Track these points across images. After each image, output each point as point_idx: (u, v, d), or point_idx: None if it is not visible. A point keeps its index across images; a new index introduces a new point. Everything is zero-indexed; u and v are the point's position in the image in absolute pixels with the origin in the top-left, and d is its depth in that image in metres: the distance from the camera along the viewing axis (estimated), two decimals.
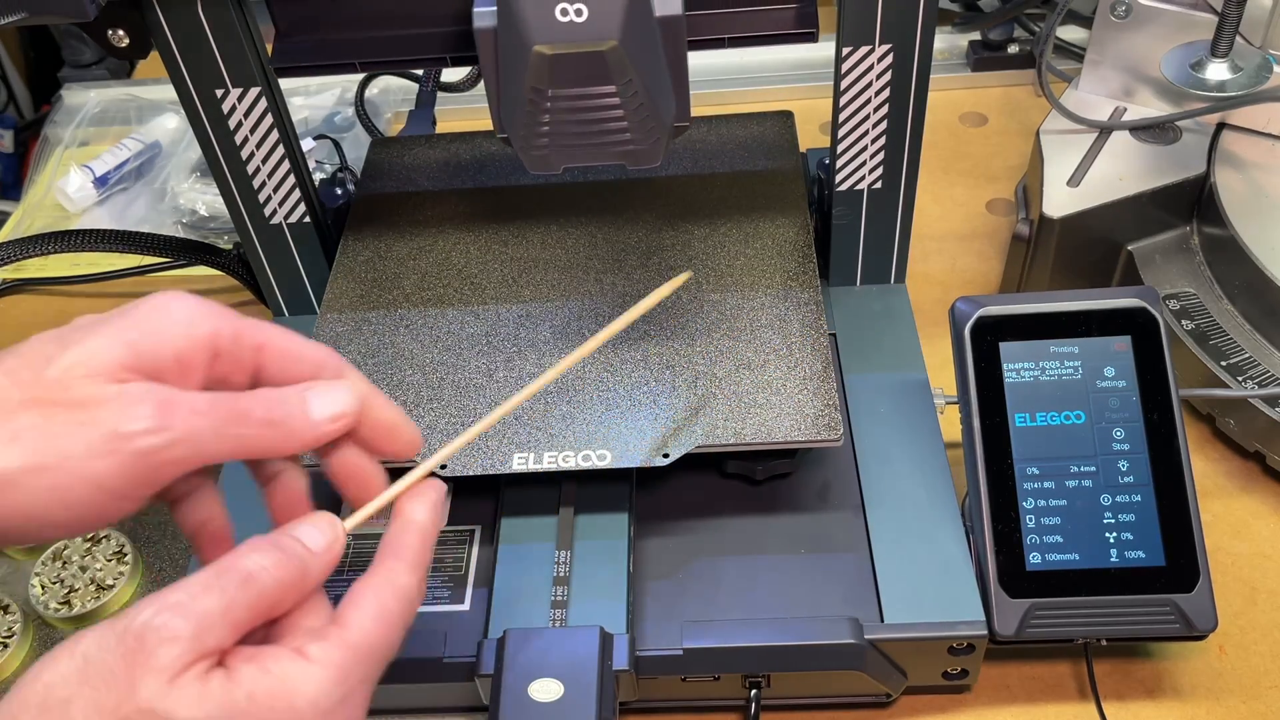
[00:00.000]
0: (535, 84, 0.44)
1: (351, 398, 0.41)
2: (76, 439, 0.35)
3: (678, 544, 0.56)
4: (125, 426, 0.36)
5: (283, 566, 0.38)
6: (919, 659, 0.53)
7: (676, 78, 0.46)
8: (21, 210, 0.92)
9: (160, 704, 0.33)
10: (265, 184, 0.63)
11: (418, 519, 0.42)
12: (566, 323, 0.61)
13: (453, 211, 0.69)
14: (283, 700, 0.35)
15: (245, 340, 0.40)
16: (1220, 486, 0.65)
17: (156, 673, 0.33)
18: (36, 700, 0.34)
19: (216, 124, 0.60)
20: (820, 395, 0.55)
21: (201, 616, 0.35)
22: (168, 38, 0.56)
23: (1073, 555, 0.52)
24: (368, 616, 0.38)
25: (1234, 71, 0.69)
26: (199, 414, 0.37)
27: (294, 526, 0.40)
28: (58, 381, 0.36)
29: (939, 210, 0.84)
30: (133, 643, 0.34)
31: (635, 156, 0.47)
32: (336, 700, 0.36)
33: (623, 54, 0.43)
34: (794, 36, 0.55)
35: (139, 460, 0.36)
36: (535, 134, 0.46)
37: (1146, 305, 0.55)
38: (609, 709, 0.49)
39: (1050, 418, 0.55)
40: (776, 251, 0.63)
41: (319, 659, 0.36)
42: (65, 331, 0.38)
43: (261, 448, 0.40)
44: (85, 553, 0.64)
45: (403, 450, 0.44)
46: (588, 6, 0.42)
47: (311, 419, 0.40)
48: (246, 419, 0.39)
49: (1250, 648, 0.57)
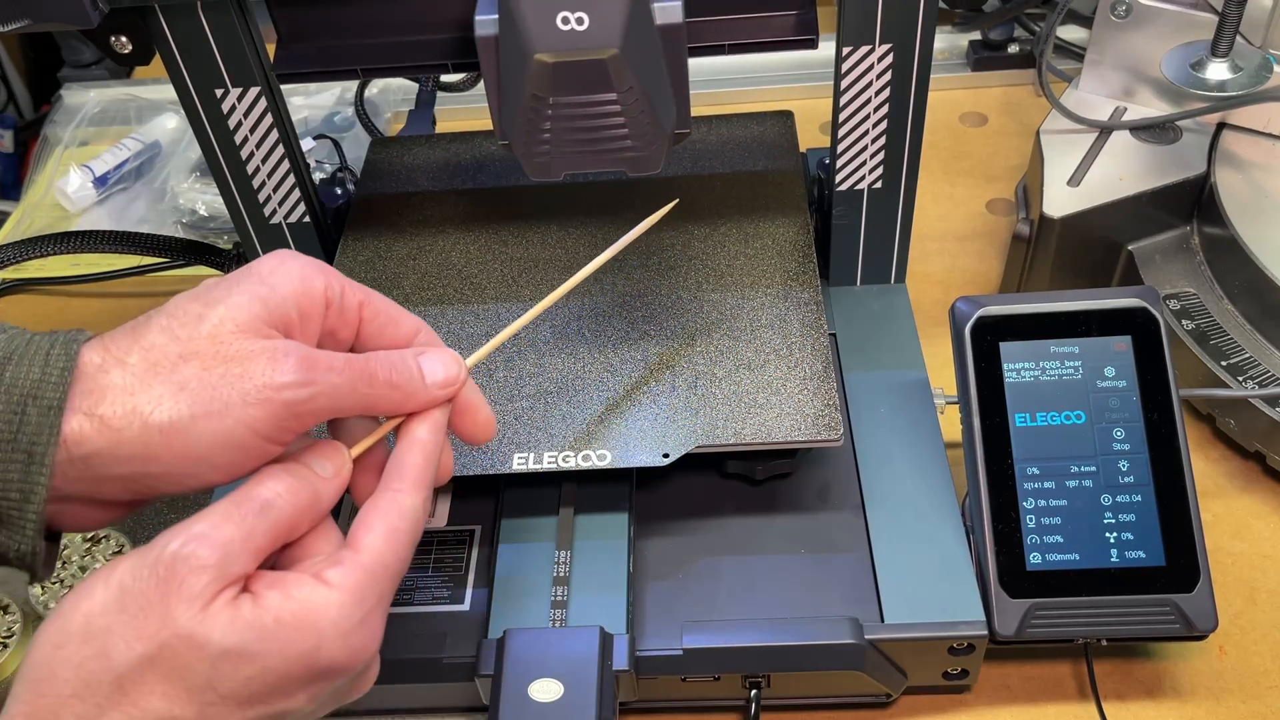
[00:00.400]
0: (536, 91, 0.44)
1: (459, 367, 0.45)
2: (234, 389, 0.39)
3: (678, 544, 0.56)
4: (276, 379, 0.39)
5: (296, 493, 0.40)
6: (919, 659, 0.53)
7: (677, 85, 0.46)
8: (21, 210, 0.92)
9: (197, 629, 0.36)
10: (265, 184, 0.63)
11: (420, 438, 0.43)
12: (566, 323, 0.61)
13: (452, 211, 0.69)
14: (307, 623, 0.38)
15: (349, 297, 0.44)
16: (1220, 487, 0.65)
17: (189, 601, 0.36)
18: (77, 629, 0.36)
19: (216, 124, 0.60)
20: (820, 395, 0.55)
21: (226, 545, 0.37)
22: (168, 38, 0.56)
23: (1073, 555, 0.52)
24: (379, 537, 0.40)
25: (1234, 71, 0.69)
26: (336, 371, 0.41)
27: (303, 455, 0.42)
28: (210, 337, 0.40)
29: (939, 210, 0.84)
30: (164, 572, 0.36)
31: (636, 163, 0.47)
32: (357, 621, 0.39)
33: (623, 62, 0.43)
34: (794, 43, 0.55)
35: (286, 409, 0.39)
36: (536, 141, 0.46)
37: (1147, 305, 0.55)
38: (609, 709, 0.49)
39: (1050, 418, 0.55)
40: (776, 251, 0.63)
41: (337, 583, 0.39)
42: (202, 292, 0.41)
43: (384, 407, 0.43)
44: (85, 553, 0.64)
45: (478, 431, 0.47)
46: (589, 15, 0.42)
47: (426, 384, 0.43)
48: (374, 379, 0.42)
49: (1250, 648, 0.57)
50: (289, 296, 0.41)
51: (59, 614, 0.37)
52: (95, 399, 0.39)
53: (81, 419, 0.38)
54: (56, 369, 0.39)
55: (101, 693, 0.36)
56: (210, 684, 0.36)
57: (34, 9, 0.49)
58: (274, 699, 0.38)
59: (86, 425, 0.38)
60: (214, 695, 0.37)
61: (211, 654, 0.36)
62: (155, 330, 0.40)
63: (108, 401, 0.39)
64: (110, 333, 0.41)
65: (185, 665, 0.36)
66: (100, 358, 0.39)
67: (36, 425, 0.38)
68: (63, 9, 0.50)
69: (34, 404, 0.38)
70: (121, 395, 0.39)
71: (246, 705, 0.37)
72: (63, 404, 0.38)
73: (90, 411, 0.38)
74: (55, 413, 0.38)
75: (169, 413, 0.38)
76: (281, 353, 0.39)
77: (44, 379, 0.38)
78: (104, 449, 0.38)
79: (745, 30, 0.55)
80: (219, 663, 0.36)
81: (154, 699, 0.36)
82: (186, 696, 0.36)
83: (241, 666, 0.37)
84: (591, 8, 0.42)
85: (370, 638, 0.40)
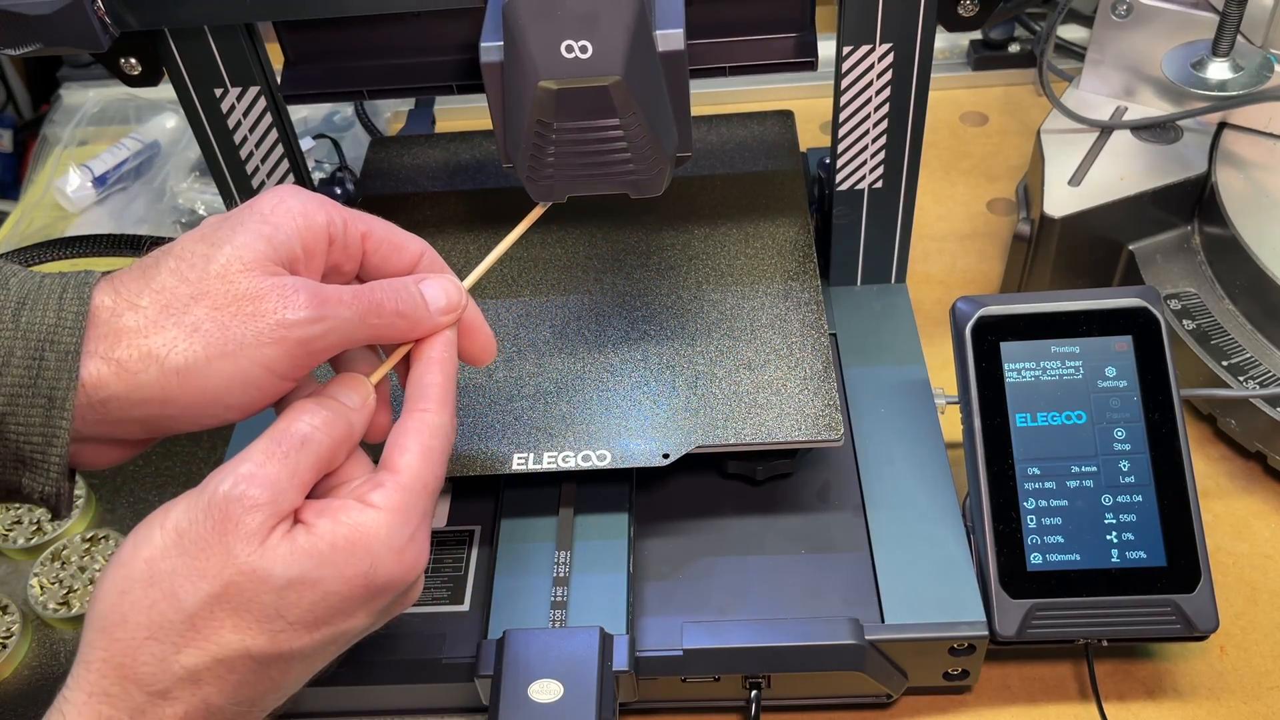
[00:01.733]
0: (540, 117, 0.44)
1: (459, 292, 0.46)
2: (248, 328, 0.39)
3: (678, 544, 0.56)
4: (288, 316, 0.40)
5: (332, 424, 0.41)
6: (919, 659, 0.53)
7: (678, 110, 0.47)
8: (20, 210, 0.92)
9: (259, 564, 0.38)
10: (265, 184, 0.63)
11: (436, 357, 0.45)
12: (566, 322, 0.61)
13: (452, 211, 0.69)
14: (360, 545, 0.39)
15: (352, 228, 0.44)
16: (1221, 487, 0.64)
17: (246, 538, 0.38)
18: (140, 574, 0.38)
19: (216, 124, 0.59)
20: (821, 395, 0.55)
21: (274, 482, 0.39)
22: (168, 40, 0.56)
23: (1074, 555, 0.52)
24: (415, 457, 0.42)
25: (1235, 71, 0.69)
26: (345, 304, 0.41)
27: (330, 388, 0.43)
28: (219, 277, 0.40)
29: (939, 210, 0.84)
30: (218, 514, 0.38)
31: (638, 186, 0.48)
32: (406, 538, 0.41)
33: (626, 89, 0.44)
34: (794, 65, 0.56)
35: (300, 346, 0.40)
36: (541, 165, 0.47)
37: (1147, 305, 0.55)
38: (609, 710, 0.49)
39: (1051, 418, 0.54)
40: (777, 251, 0.63)
41: (382, 504, 0.40)
42: (207, 232, 0.42)
43: (391, 335, 0.44)
44: (84, 553, 0.63)
45: (480, 353, 0.47)
46: (592, 43, 0.43)
47: (430, 310, 0.44)
48: (381, 310, 0.43)
49: (1251, 648, 0.57)
50: (293, 233, 0.42)
51: (119, 562, 0.38)
52: (110, 343, 0.39)
53: (99, 363, 0.39)
54: (71, 313, 0.39)
55: (175, 631, 0.37)
56: (278, 613, 0.38)
57: (45, 34, 0.51)
58: (337, 619, 0.40)
59: (104, 369, 0.39)
60: (283, 623, 0.38)
61: (276, 585, 0.38)
62: (165, 272, 0.40)
63: (123, 345, 0.39)
64: (119, 273, 0.41)
65: (252, 598, 0.38)
66: (112, 300, 0.40)
67: (56, 370, 0.39)
68: (74, 34, 0.51)
69: (51, 349, 0.39)
70: (136, 339, 0.39)
71: (313, 628, 0.39)
72: (79, 348, 0.39)
73: (107, 355, 0.39)
74: (73, 357, 0.39)
75: (184, 355, 0.39)
76: (291, 289, 0.40)
77: (59, 324, 0.39)
78: (122, 393, 0.39)
79: (745, 53, 0.56)
80: (284, 592, 0.38)
81: (226, 632, 0.38)
82: (257, 627, 0.38)
83: (305, 593, 0.38)
84: (595, 36, 0.43)
85: (420, 552, 0.42)
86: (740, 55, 0.56)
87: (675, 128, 0.47)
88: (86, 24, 0.51)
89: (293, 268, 0.42)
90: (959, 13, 0.54)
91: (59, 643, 0.61)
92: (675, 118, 0.47)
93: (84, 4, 0.50)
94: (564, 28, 0.43)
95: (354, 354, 0.46)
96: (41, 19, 0.50)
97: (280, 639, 0.38)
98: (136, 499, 0.67)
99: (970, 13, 0.54)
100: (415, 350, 0.45)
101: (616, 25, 0.43)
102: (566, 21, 0.42)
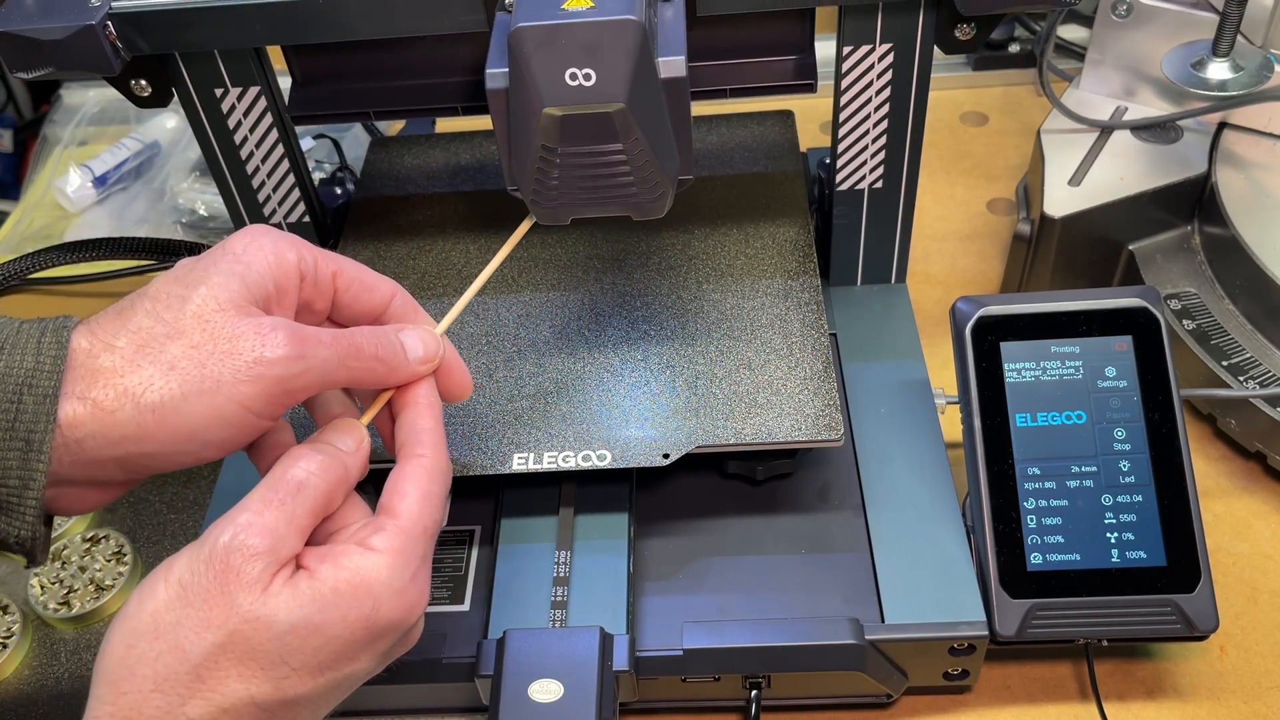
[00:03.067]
0: (545, 142, 0.45)
1: (437, 344, 0.46)
2: (225, 366, 0.39)
3: (678, 544, 0.56)
4: (266, 354, 0.40)
5: (328, 469, 0.42)
6: (920, 659, 0.53)
7: (680, 135, 0.48)
8: (21, 210, 0.92)
9: (263, 611, 0.38)
10: (265, 184, 0.63)
11: (424, 401, 0.45)
12: (566, 322, 0.61)
13: (452, 211, 0.69)
14: (362, 588, 0.40)
15: (323, 266, 0.45)
16: (1221, 486, 0.64)
17: (249, 586, 0.38)
18: (146, 627, 0.38)
19: (216, 124, 0.60)
20: (821, 395, 0.55)
21: (273, 530, 0.39)
22: (177, 57, 0.56)
23: (1074, 555, 0.52)
24: (414, 501, 0.42)
25: (1235, 71, 0.69)
26: (324, 345, 0.41)
27: (324, 434, 0.44)
28: (195, 316, 0.40)
29: (939, 210, 0.84)
30: (220, 565, 0.38)
31: (641, 209, 0.49)
32: (406, 580, 0.41)
33: (629, 115, 0.44)
34: (794, 88, 0.57)
35: (277, 385, 0.40)
36: (545, 188, 0.48)
37: (1147, 305, 0.55)
38: (609, 709, 0.49)
39: (1051, 418, 0.54)
40: (777, 251, 0.63)
41: (383, 548, 0.41)
42: (182, 274, 0.42)
43: (369, 380, 0.44)
44: (84, 553, 0.63)
45: (456, 389, 0.48)
46: (596, 71, 0.43)
47: (409, 359, 0.45)
48: (360, 353, 0.43)
49: (1251, 648, 0.57)
50: (265, 272, 0.42)
51: (125, 616, 0.39)
52: (87, 383, 0.39)
53: (75, 403, 0.39)
54: (49, 357, 0.39)
55: (181, 683, 0.37)
56: (283, 659, 0.38)
57: (58, 58, 0.52)
58: (341, 663, 0.40)
59: (80, 409, 0.39)
60: (287, 669, 0.38)
61: (279, 631, 0.38)
62: (141, 314, 0.41)
63: (99, 385, 0.39)
64: (96, 316, 0.41)
65: (257, 646, 0.38)
66: (89, 342, 0.40)
67: (33, 413, 0.39)
68: (86, 59, 0.52)
69: (29, 392, 0.39)
70: (112, 378, 0.39)
71: (317, 673, 0.39)
72: (58, 392, 0.39)
73: (83, 395, 0.39)
74: (51, 400, 0.39)
75: (160, 392, 0.39)
76: (269, 328, 0.40)
77: (38, 367, 0.39)
78: (98, 431, 0.39)
79: (746, 75, 0.57)
80: (287, 638, 0.38)
81: (231, 681, 0.38)
82: (263, 675, 0.38)
83: (309, 638, 0.39)
84: (599, 64, 0.43)
85: (420, 593, 0.42)
86: (741, 78, 0.57)
87: (677, 151, 0.48)
88: (99, 49, 0.52)
89: (266, 306, 0.42)
90: (956, 36, 0.55)
91: (59, 643, 0.61)
92: (677, 142, 0.48)
93: (96, 30, 0.51)
94: (568, 56, 0.43)
95: (328, 397, 0.46)
96: (54, 44, 0.51)
97: (285, 685, 0.39)
98: (137, 499, 0.67)
99: (967, 36, 0.54)
100: (400, 395, 0.45)
101: (619, 53, 0.43)
102: (571, 50, 0.43)
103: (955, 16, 0.53)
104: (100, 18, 0.51)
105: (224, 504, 0.58)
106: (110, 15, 0.52)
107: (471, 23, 0.52)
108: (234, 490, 0.59)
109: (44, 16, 0.51)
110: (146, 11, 0.52)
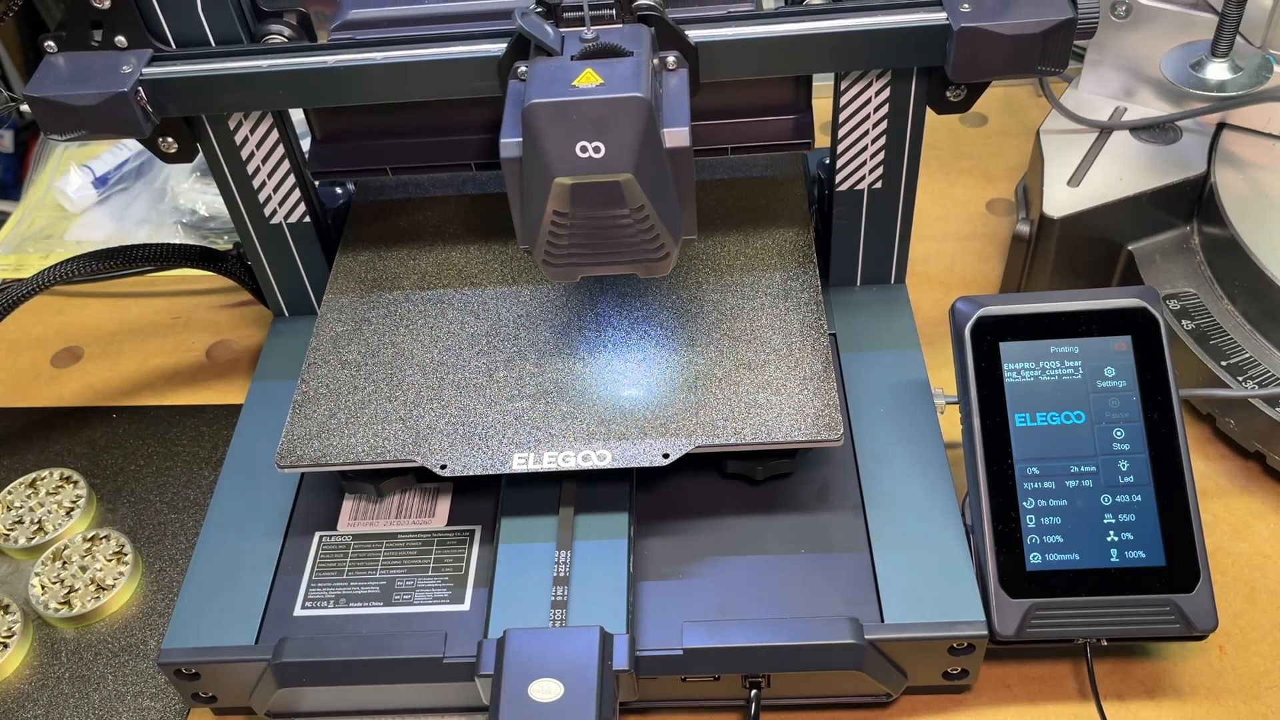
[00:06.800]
0: (556, 208, 0.47)
1: None
2: None
3: (678, 544, 0.56)
4: None
5: None
6: (919, 659, 0.53)
7: (684, 198, 0.50)
8: (21, 210, 0.92)
9: None
10: (265, 184, 0.63)
11: None
12: (567, 322, 0.61)
13: (452, 211, 0.69)
14: None
15: None
16: (1220, 486, 0.65)
17: None
18: None
19: (216, 124, 0.60)
20: (820, 395, 0.55)
21: None
22: (169, 39, 0.56)
23: (1073, 555, 0.52)
24: None
25: (1234, 71, 0.69)
26: None
27: None
28: None
29: (939, 210, 0.84)
30: None
31: (648, 267, 0.51)
32: None
33: (636, 184, 0.46)
34: (792, 145, 0.59)
35: None
36: (557, 249, 0.49)
37: (1147, 305, 0.55)
38: (609, 709, 0.49)
39: (1050, 418, 0.55)
40: (776, 251, 0.63)
41: None
42: None
43: None
44: (85, 553, 0.64)
45: None
46: (605, 144, 0.45)
47: None
48: None
49: (1250, 648, 0.57)
50: None
51: None
52: None
53: None
54: None
55: None
56: None
57: (92, 123, 0.54)
58: None
59: None
60: None
61: None
62: None
63: None
64: None
65: None
66: None
67: None
68: (119, 124, 0.54)
69: None
70: None
71: None
72: None
73: None
74: None
75: None
76: None
77: None
78: None
79: (745, 134, 0.59)
80: None
81: None
82: None
83: None
84: (607, 137, 0.45)
85: None
86: (741, 137, 0.59)
87: (681, 213, 0.50)
88: (130, 114, 0.54)
89: None
90: (948, 97, 0.57)
91: (60, 643, 0.61)
92: (681, 204, 0.50)
93: (129, 96, 0.53)
94: (578, 130, 0.45)
95: None
96: (89, 109, 0.53)
97: None
98: (137, 499, 0.67)
99: (958, 98, 0.57)
100: None
101: (627, 128, 0.45)
102: (581, 125, 0.45)
103: (946, 82, 0.55)
104: (132, 85, 0.53)
105: (224, 503, 0.59)
106: (141, 81, 0.53)
107: (485, 89, 0.53)
108: (234, 490, 0.60)
109: (78, 83, 0.53)
110: (177, 78, 0.54)
